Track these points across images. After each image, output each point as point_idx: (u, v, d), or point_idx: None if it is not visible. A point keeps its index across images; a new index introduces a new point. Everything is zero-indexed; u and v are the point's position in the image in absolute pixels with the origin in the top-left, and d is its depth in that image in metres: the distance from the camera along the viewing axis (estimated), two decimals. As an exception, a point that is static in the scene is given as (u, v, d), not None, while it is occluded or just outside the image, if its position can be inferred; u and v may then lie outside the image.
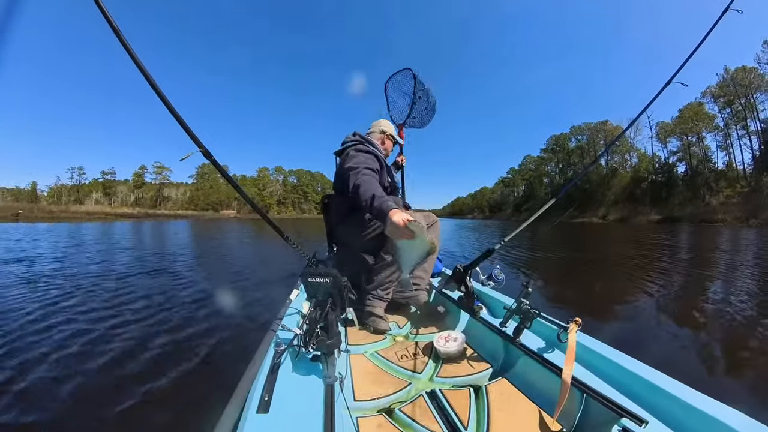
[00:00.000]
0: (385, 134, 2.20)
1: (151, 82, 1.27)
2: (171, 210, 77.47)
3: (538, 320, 1.30)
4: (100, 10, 1.15)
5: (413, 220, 1.17)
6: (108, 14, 1.16)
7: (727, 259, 7.39)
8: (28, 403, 1.76)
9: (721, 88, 48.50)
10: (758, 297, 3.90)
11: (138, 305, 3.46)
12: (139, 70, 1.25)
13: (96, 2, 1.12)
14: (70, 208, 58.69)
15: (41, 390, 1.87)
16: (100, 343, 2.49)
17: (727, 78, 48.05)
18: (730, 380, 2.10)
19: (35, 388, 1.89)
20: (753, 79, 45.17)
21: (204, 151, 1.44)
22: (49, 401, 1.77)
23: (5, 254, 7.31)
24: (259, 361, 1.12)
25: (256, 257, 8.19)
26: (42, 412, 1.68)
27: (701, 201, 45.62)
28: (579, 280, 5.37)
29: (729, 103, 47.98)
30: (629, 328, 3.02)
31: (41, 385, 1.93)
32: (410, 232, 1.19)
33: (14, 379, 1.96)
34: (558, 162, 73.49)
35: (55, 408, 1.72)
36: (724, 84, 48.18)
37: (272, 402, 0.91)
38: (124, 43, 1.21)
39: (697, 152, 51.99)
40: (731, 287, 4.48)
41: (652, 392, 0.94)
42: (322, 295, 1.32)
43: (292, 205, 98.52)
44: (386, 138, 2.21)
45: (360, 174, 1.66)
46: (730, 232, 19.34)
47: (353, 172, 1.69)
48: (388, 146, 2.23)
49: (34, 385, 1.91)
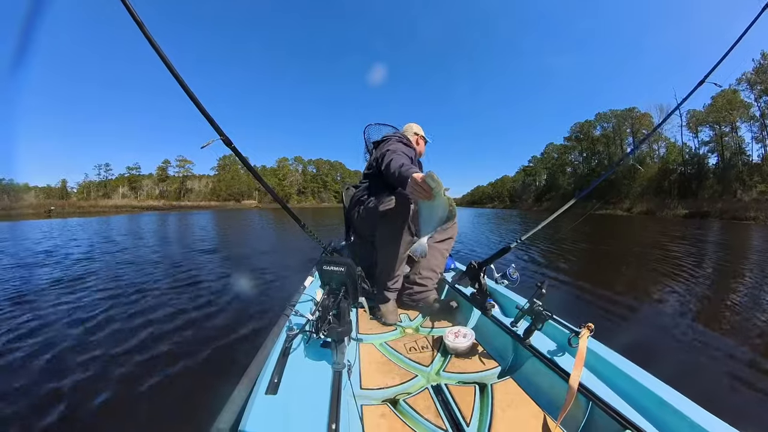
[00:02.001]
0: (418, 135, 2.26)
1: (173, 72, 1.29)
2: (194, 201, 79.26)
3: (550, 323, 1.29)
4: (123, 4, 1.16)
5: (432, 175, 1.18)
6: (131, 7, 1.18)
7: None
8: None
9: (758, 75, 44.23)
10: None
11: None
12: (161, 61, 1.27)
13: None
14: (99, 202, 60.86)
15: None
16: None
17: (765, 63, 43.90)
18: (747, 401, 1.94)
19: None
20: (793, 65, 41.28)
21: (225, 139, 1.45)
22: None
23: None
24: (271, 344, 1.16)
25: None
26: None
27: (732, 196, 43.06)
28: (599, 274, 5.22)
29: (767, 91, 44.27)
30: (647, 334, 2.88)
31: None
32: (428, 188, 1.20)
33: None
34: (582, 150, 70.57)
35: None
36: (762, 70, 43.86)
37: (281, 384, 0.95)
38: (147, 36, 1.22)
39: (730, 143, 48.26)
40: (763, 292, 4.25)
41: (660, 407, 0.93)
42: (335, 283, 1.35)
43: (312, 194, 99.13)
44: (420, 138, 2.27)
45: (396, 153, 1.76)
46: (763, 231, 18.32)
47: (390, 152, 1.78)
48: (422, 147, 2.31)
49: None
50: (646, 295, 4.03)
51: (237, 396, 0.89)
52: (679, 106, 1.74)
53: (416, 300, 1.91)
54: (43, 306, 3.16)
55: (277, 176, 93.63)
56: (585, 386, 1.03)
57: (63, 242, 8.46)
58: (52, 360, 2.11)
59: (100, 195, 78.05)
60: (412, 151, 1.99)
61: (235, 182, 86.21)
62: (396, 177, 1.53)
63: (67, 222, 18.21)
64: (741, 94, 46.89)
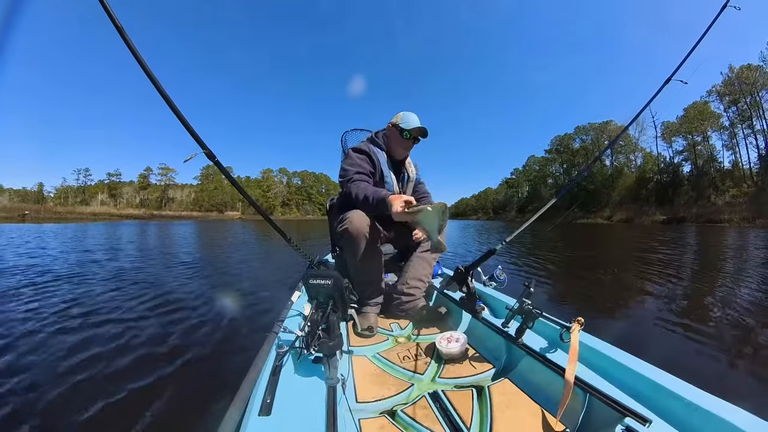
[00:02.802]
0: (391, 126, 2.03)
1: (156, 83, 1.29)
2: (176, 211, 78.07)
3: (541, 320, 1.30)
4: (104, 8, 1.15)
5: (410, 200, 1.21)
6: (112, 13, 1.17)
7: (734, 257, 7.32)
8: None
9: (726, 87, 48.02)
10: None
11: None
12: (143, 70, 1.26)
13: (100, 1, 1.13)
14: (76, 209, 59.35)
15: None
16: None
17: (732, 76, 47.59)
18: (734, 377, 2.10)
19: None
20: (758, 77, 44.75)
21: (208, 152, 1.44)
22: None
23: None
24: (261, 363, 1.12)
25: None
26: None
27: (707, 201, 45.14)
28: (583, 279, 5.32)
29: (734, 102, 47.49)
30: (632, 327, 3.00)
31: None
32: (412, 214, 1.21)
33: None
34: (562, 162, 73.05)
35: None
36: (729, 82, 47.71)
37: (274, 404, 0.91)
38: (128, 43, 1.22)
39: (702, 152, 51.43)
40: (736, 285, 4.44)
41: (655, 391, 0.94)
42: (323, 296, 1.32)
43: (296, 207, 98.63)
44: (391, 128, 2.02)
45: (351, 183, 1.78)
46: (737, 232, 19.16)
47: (345, 180, 1.82)
48: (394, 139, 2.02)
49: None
50: (629, 293, 4.19)
51: (229, 419, 0.85)
52: (649, 102, 1.83)
53: (405, 309, 1.89)
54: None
55: (261, 187, 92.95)
56: (581, 379, 1.03)
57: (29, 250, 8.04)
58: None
59: (78, 201, 76.34)
60: (367, 160, 1.91)
61: (218, 192, 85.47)
62: (372, 209, 1.62)
63: (41, 227, 17.51)
64: (711, 105, 50.38)
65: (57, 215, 41.56)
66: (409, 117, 1.99)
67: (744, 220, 34.82)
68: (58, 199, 76.12)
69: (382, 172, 1.97)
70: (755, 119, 45.82)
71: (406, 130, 1.96)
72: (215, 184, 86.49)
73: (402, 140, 1.99)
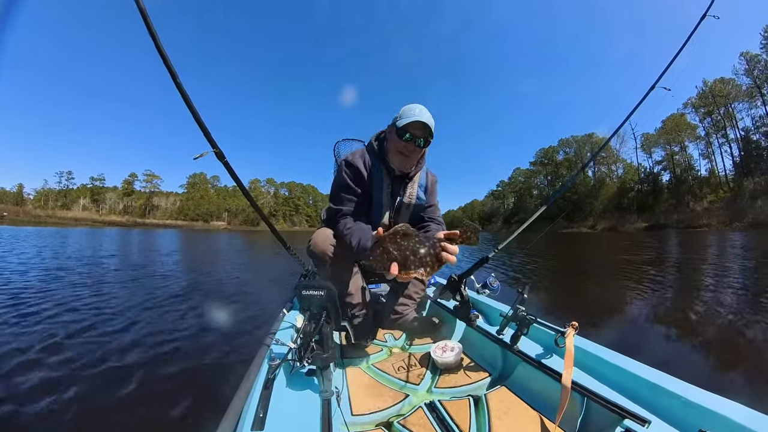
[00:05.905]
0: (390, 126, 1.62)
1: (175, 78, 1.27)
2: (160, 219, 76.51)
3: (535, 326, 1.29)
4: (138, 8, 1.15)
5: (378, 232, 1.00)
6: (145, 12, 1.16)
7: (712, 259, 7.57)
8: None
9: (701, 99, 50.81)
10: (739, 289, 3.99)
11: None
12: (165, 67, 1.25)
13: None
14: (57, 213, 57.54)
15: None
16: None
17: (706, 89, 50.35)
18: (724, 372, 2.17)
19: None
20: (731, 89, 47.37)
21: (218, 152, 1.42)
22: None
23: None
24: (253, 377, 1.08)
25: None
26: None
27: (686, 207, 47.07)
28: (572, 286, 5.41)
29: (709, 113, 50.34)
30: (624, 330, 3.07)
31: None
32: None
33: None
34: (547, 174, 74.89)
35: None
36: (704, 95, 50.50)
37: (267, 418, 0.89)
38: (154, 38, 1.20)
39: (680, 161, 54.08)
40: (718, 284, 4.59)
41: (652, 391, 0.94)
42: (316, 307, 1.29)
43: (283, 218, 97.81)
44: (390, 130, 1.60)
45: (340, 217, 1.62)
46: (715, 236, 19.84)
47: (333, 211, 1.66)
48: (393, 142, 1.58)
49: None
50: (618, 297, 4.30)
51: None
52: (634, 110, 1.89)
53: (396, 326, 1.86)
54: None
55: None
56: (578, 383, 1.03)
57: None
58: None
59: (59, 205, 73.89)
60: (351, 180, 1.63)
61: (204, 202, 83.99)
62: (355, 257, 1.60)
63: (19, 230, 16.73)
64: (687, 117, 53.52)
65: (37, 218, 39.97)
66: (409, 110, 1.51)
67: (721, 223, 36.67)
68: (38, 202, 73.61)
69: (370, 193, 1.64)
70: (729, 129, 48.38)
71: (401, 128, 1.49)
72: (201, 193, 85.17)
73: (399, 143, 1.52)
